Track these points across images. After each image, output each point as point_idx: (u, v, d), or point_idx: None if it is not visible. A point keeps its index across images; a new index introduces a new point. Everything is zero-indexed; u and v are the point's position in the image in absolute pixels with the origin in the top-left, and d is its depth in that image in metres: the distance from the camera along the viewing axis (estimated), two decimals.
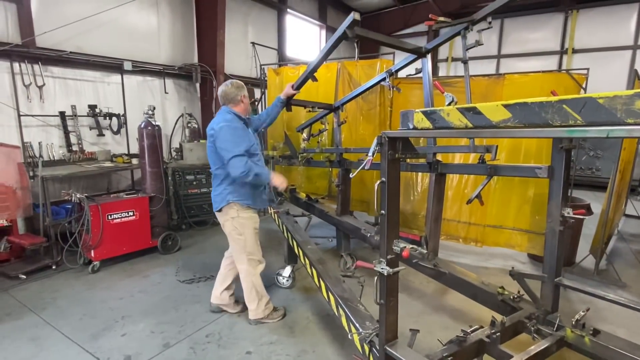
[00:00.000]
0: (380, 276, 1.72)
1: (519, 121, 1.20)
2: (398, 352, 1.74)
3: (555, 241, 2.48)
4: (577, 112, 1.05)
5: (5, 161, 3.55)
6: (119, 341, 3.05)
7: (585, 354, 2.27)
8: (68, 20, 5.14)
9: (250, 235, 3.13)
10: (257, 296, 3.23)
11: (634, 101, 0.94)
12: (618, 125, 0.97)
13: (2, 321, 3.33)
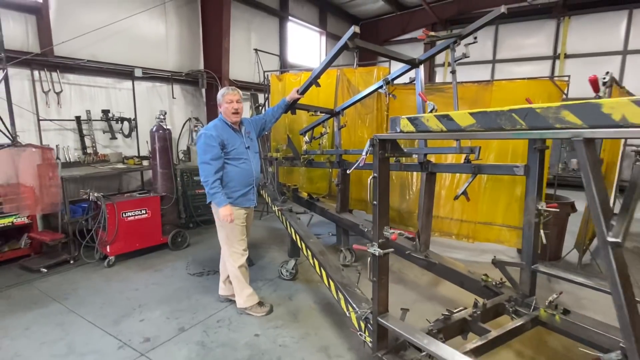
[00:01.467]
0: (372, 257, 2.02)
1: (481, 126, 1.50)
2: (389, 322, 2.04)
3: (531, 232, 2.78)
4: (522, 119, 1.35)
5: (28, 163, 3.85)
6: (137, 326, 3.35)
7: (556, 330, 2.56)
8: (83, 29, 5.47)
9: (231, 229, 3.37)
10: (239, 287, 3.47)
11: (560, 111, 1.24)
12: (550, 129, 1.27)
13: (29, 309, 3.62)
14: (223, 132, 3.29)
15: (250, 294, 3.50)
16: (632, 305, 1.20)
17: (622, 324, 1.19)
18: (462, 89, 5.01)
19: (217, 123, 3.37)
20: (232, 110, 3.35)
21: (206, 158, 3.20)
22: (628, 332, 1.18)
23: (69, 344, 3.08)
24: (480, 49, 11.60)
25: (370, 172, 2.01)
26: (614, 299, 1.21)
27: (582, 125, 1.19)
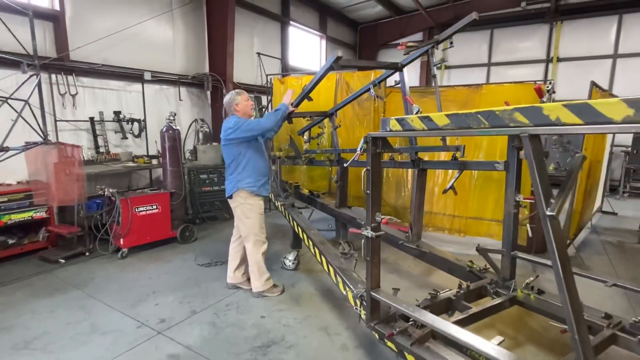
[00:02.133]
0: (366, 239, 2.32)
1: (454, 125, 1.81)
2: (380, 295, 2.35)
3: (511, 221, 3.08)
4: (485, 119, 1.66)
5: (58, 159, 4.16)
6: (153, 309, 3.65)
7: (531, 308, 2.87)
8: (96, 35, 5.79)
9: (255, 219, 3.77)
10: (258, 272, 3.83)
11: (513, 113, 1.55)
12: (506, 127, 1.58)
13: (52, 295, 3.93)
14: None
15: (267, 278, 3.87)
16: (566, 266, 1.50)
17: (558, 282, 1.49)
18: (454, 92, 5.34)
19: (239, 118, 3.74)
20: (251, 106, 3.83)
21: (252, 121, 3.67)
22: (562, 288, 1.48)
23: (92, 324, 3.39)
24: (476, 53, 11.97)
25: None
26: (552, 260, 1.51)
27: (529, 124, 1.50)
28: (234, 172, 3.75)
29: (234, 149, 3.70)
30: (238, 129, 3.61)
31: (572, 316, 1.48)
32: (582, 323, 1.51)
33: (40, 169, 4.27)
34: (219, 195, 6.70)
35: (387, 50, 13.40)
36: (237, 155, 3.69)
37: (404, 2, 11.37)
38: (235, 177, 3.73)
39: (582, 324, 1.50)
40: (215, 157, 6.74)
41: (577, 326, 1.47)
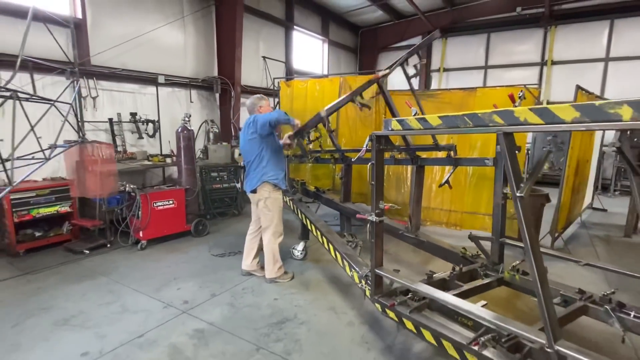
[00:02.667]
0: (371, 223, 2.69)
1: (445, 125, 2.18)
2: (383, 271, 2.72)
3: (499, 211, 3.44)
4: (470, 120, 2.03)
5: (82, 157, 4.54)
6: (176, 293, 4.02)
7: (516, 288, 3.24)
8: (114, 41, 6.17)
9: (277, 213, 4.17)
10: (273, 260, 4.21)
11: (492, 115, 1.92)
12: (485, 126, 1.95)
13: (82, 281, 4.29)
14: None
15: (280, 266, 4.27)
16: (533, 237, 1.87)
17: (527, 252, 1.85)
18: (450, 95, 5.72)
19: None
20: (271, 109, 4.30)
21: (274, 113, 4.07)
22: (530, 259, 1.85)
23: (122, 305, 3.76)
24: (473, 56, 12.36)
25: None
26: (522, 236, 1.87)
27: (504, 124, 1.86)
28: (257, 166, 4.07)
29: (257, 145, 4.02)
30: (256, 122, 3.97)
31: (539, 282, 1.84)
32: (546, 288, 1.87)
33: (77, 165, 4.65)
34: (228, 193, 7.08)
35: (388, 54, 13.80)
36: (260, 150, 4.03)
37: (403, 7, 11.74)
38: (259, 171, 4.06)
39: (546, 289, 1.86)
40: (225, 156, 7.11)
41: (542, 290, 1.83)
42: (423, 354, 3.01)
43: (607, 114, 1.51)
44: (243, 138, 4.18)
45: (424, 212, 6.13)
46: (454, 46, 12.65)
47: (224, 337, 3.19)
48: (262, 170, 4.05)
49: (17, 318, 3.48)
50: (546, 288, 1.83)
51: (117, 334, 3.23)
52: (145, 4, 6.85)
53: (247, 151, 4.14)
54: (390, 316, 2.73)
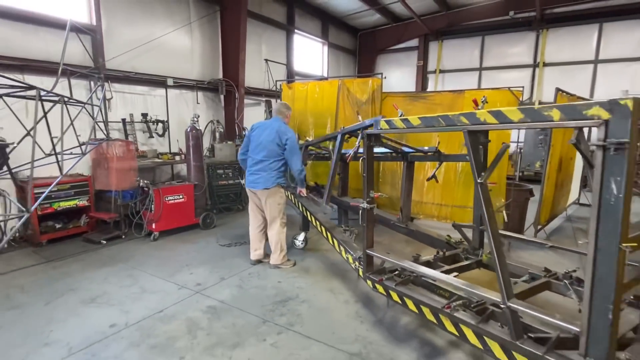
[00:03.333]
0: (362, 210, 3.10)
1: (424, 125, 2.60)
2: (373, 252, 3.13)
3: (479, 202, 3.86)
4: (442, 120, 2.44)
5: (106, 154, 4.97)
6: (188, 277, 4.44)
7: (493, 269, 3.63)
8: (126, 46, 6.59)
9: (284, 206, 4.66)
10: (280, 248, 4.63)
11: (459, 117, 2.33)
12: (454, 125, 2.36)
13: (102, 267, 4.71)
14: None
15: (285, 254, 4.71)
16: (492, 218, 2.28)
17: (486, 229, 2.25)
18: (441, 97, 6.14)
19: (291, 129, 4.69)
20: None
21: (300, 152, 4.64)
22: (488, 233, 2.26)
23: (141, 287, 4.18)
24: (468, 58, 12.76)
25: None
26: (483, 216, 2.28)
27: (468, 124, 2.28)
28: (275, 169, 4.48)
29: (281, 152, 4.47)
30: (289, 146, 4.45)
31: (495, 253, 2.25)
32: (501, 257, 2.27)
33: (102, 160, 5.07)
34: (233, 189, 7.50)
35: (386, 55, 14.22)
36: (282, 158, 4.50)
37: (400, 11, 12.14)
38: (276, 174, 4.48)
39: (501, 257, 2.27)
40: (230, 154, 7.53)
41: (498, 258, 2.24)
42: (409, 325, 3.43)
43: (543, 115, 1.92)
44: (264, 136, 4.47)
45: (417, 206, 6.57)
46: (449, 48, 13.06)
47: (234, 313, 3.61)
48: (278, 174, 4.49)
49: (49, 297, 3.90)
50: (501, 257, 2.24)
51: (139, 310, 3.65)
52: (155, 11, 7.27)
53: (270, 149, 4.45)
54: (380, 290, 3.14)
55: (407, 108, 6.49)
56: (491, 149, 3.17)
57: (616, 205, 1.67)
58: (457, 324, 2.50)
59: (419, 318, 3.48)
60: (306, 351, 3.02)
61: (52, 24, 5.82)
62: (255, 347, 3.08)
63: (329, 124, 6.80)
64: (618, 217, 1.66)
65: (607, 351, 1.75)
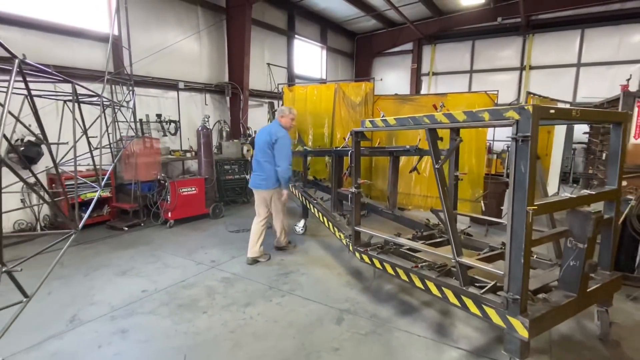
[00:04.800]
0: (351, 194, 3.79)
1: (399, 124, 3.28)
2: (361, 228, 3.83)
3: (452, 190, 4.53)
4: (411, 120, 3.12)
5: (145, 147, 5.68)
6: (204, 256, 5.13)
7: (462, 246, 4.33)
8: (142, 53, 7.27)
9: (284, 202, 5.03)
10: (284, 232, 5.22)
11: (423, 117, 3.02)
12: (420, 124, 3.04)
13: (127, 249, 5.39)
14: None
15: (286, 236, 5.26)
16: (446, 198, 2.97)
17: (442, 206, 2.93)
18: (426, 99, 6.84)
19: (285, 130, 4.82)
20: (292, 124, 4.96)
21: (290, 160, 4.70)
22: (443, 208, 2.94)
23: (164, 263, 4.87)
24: (459, 61, 13.45)
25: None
26: (440, 197, 2.96)
27: (429, 123, 2.96)
28: (271, 170, 4.69)
29: (272, 153, 4.67)
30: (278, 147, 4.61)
31: (448, 222, 2.93)
32: (453, 224, 2.96)
33: (129, 155, 5.77)
34: (238, 183, 8.19)
35: (382, 59, 14.91)
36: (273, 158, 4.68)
37: (395, 17, 12.82)
38: (273, 176, 4.71)
39: (453, 224, 2.95)
40: (236, 151, 8.22)
41: (450, 225, 2.92)
42: (391, 291, 4.12)
43: (478, 117, 2.61)
44: (262, 139, 4.74)
45: (406, 198, 7.27)
46: (442, 52, 13.75)
47: (245, 282, 4.31)
48: (274, 177, 4.72)
49: (86, 271, 4.59)
50: (452, 224, 2.94)
51: (164, 280, 4.34)
52: (167, 21, 7.96)
53: (261, 150, 4.73)
54: (365, 260, 3.83)
55: (397, 109, 7.22)
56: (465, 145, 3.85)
57: (524, 180, 2.35)
58: (423, 280, 3.19)
59: (400, 285, 4.19)
60: (305, 308, 3.71)
61: (78, 34, 6.52)
62: (263, 305, 3.77)
63: (326, 124, 7.48)
64: (525, 188, 2.35)
65: (521, 286, 2.43)
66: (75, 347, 3.06)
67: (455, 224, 2.98)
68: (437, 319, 3.56)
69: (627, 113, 3.12)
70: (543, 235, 2.85)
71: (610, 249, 3.15)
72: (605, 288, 3.02)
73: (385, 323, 3.45)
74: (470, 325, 3.42)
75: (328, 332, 3.29)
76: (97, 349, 3.03)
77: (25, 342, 3.08)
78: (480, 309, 2.72)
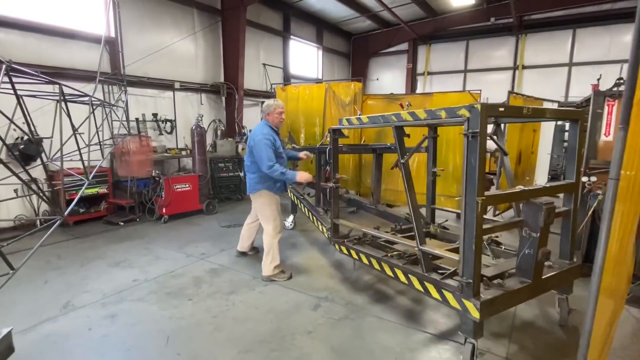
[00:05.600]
0: (329, 188, 4.00)
1: (371, 122, 3.49)
2: (339, 221, 4.04)
3: (430, 185, 4.74)
4: (381, 119, 3.33)
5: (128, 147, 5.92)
6: (194, 249, 5.36)
7: (437, 237, 4.52)
8: (139, 54, 7.51)
9: (272, 211, 4.27)
10: (270, 256, 4.27)
11: (391, 116, 3.22)
12: (388, 122, 3.25)
13: (122, 242, 5.63)
14: (275, 136, 4.22)
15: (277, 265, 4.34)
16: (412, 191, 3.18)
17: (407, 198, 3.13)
18: (412, 98, 7.02)
19: (267, 129, 4.16)
20: (281, 120, 4.32)
21: (270, 163, 3.97)
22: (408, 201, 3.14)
23: (156, 255, 5.10)
24: (454, 60, 13.60)
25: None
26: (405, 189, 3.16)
27: (396, 121, 3.16)
28: (254, 173, 4.23)
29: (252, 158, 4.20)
30: (254, 151, 4.09)
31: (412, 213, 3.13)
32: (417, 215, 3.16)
33: (123, 152, 6.01)
34: (232, 181, 8.42)
35: (378, 59, 15.10)
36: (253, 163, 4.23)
37: (390, 17, 12.98)
38: (255, 178, 4.23)
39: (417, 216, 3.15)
40: (231, 149, 8.45)
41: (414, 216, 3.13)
42: (368, 282, 4.33)
43: (437, 115, 2.82)
44: (248, 144, 4.31)
45: (394, 195, 7.48)
46: (437, 52, 13.91)
47: (231, 272, 4.53)
48: (257, 179, 4.23)
49: (82, 262, 4.83)
50: (417, 213, 3.15)
51: (155, 271, 4.57)
52: (163, 22, 8.20)
53: (248, 153, 4.33)
54: (343, 251, 4.04)
55: (386, 108, 7.42)
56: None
57: (474, 173, 2.55)
58: (392, 268, 3.40)
59: (377, 276, 4.40)
60: (285, 296, 3.93)
61: (76, 37, 6.76)
62: (246, 294, 3.99)
63: (317, 123, 7.70)
64: (475, 180, 2.55)
65: (473, 271, 2.63)
66: (68, 329, 3.29)
67: (419, 215, 3.18)
68: (410, 306, 3.77)
69: (582, 111, 3.31)
70: (496, 224, 3.04)
71: (569, 239, 3.35)
72: (562, 276, 3.22)
73: (360, 310, 3.66)
74: (439, 313, 3.63)
75: (304, 318, 3.50)
76: (88, 331, 3.26)
77: (22, 325, 3.31)
78: (440, 294, 2.93)
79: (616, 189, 1.59)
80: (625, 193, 1.89)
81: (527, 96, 7.16)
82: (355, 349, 3.03)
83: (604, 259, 1.62)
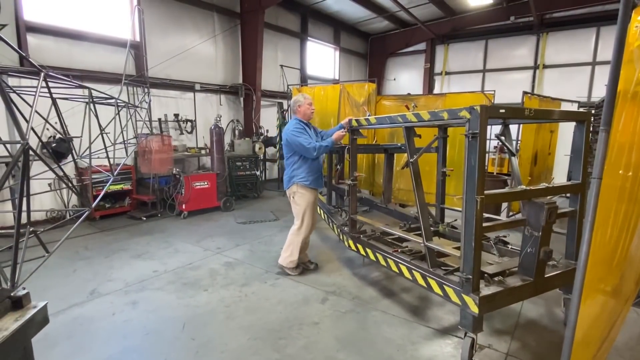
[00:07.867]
0: (347, 186, 4.15)
1: (378, 123, 3.61)
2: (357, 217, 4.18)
3: (440, 184, 4.81)
4: (388, 120, 3.44)
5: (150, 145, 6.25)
6: (211, 243, 5.61)
7: (445, 237, 4.58)
8: (162, 57, 7.86)
9: (304, 208, 4.27)
10: (289, 250, 4.38)
11: (398, 117, 3.34)
12: (395, 123, 3.36)
13: (144, 236, 5.95)
14: (305, 126, 4.25)
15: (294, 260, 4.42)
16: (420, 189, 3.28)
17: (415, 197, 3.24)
18: (425, 99, 7.08)
19: (296, 123, 4.19)
20: (312, 110, 4.31)
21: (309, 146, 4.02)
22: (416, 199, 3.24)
23: (175, 249, 5.37)
24: (472, 60, 13.47)
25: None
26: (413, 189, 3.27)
27: (402, 122, 3.28)
28: (289, 166, 4.29)
29: (290, 150, 4.23)
30: (290, 141, 4.12)
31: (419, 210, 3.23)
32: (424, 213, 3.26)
33: (147, 150, 6.35)
34: (250, 179, 8.67)
35: (395, 59, 15.10)
36: (291, 155, 4.26)
37: (407, 18, 12.98)
38: (290, 172, 4.28)
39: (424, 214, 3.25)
40: (248, 149, 8.70)
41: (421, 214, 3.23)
42: (376, 278, 4.45)
43: (439, 116, 2.92)
44: (283, 136, 4.29)
45: (407, 195, 7.54)
46: (455, 51, 13.81)
47: (245, 266, 4.74)
48: (293, 173, 4.27)
49: (106, 253, 5.15)
50: (424, 211, 3.25)
51: (174, 263, 4.83)
52: (185, 26, 8.53)
53: (283, 150, 4.38)
54: (352, 248, 4.18)
55: (399, 109, 7.48)
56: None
57: (474, 172, 2.65)
58: (397, 264, 3.51)
59: (385, 273, 4.51)
60: (295, 289, 4.10)
61: (104, 41, 7.15)
62: (258, 286, 4.18)
63: (332, 123, 7.82)
64: (475, 179, 2.64)
65: (472, 267, 2.72)
66: (93, 313, 3.57)
67: (426, 213, 3.29)
68: (415, 302, 3.87)
69: (588, 112, 3.33)
70: (497, 222, 3.11)
71: (575, 239, 3.37)
72: (566, 275, 3.25)
73: (366, 304, 3.79)
74: (443, 310, 3.71)
75: (312, 309, 3.66)
76: (111, 316, 3.52)
77: (53, 308, 3.60)
78: (442, 289, 3.02)
79: (599, 187, 1.67)
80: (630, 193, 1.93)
81: (544, 97, 7.07)
82: (358, 340, 3.16)
83: (588, 254, 1.70)
